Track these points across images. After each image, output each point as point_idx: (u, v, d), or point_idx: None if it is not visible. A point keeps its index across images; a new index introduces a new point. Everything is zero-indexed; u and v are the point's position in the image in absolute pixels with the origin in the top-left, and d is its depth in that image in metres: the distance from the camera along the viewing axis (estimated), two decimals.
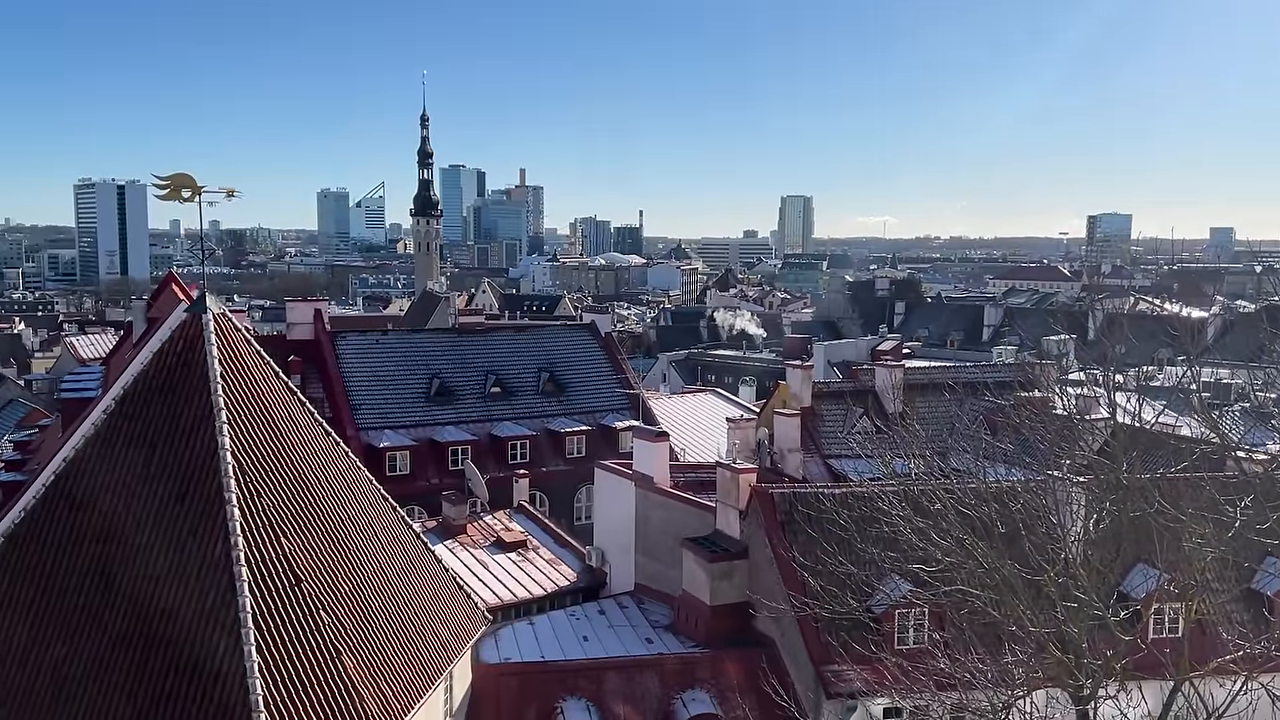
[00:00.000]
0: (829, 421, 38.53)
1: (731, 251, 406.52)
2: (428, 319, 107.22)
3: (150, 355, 20.19)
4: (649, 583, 28.43)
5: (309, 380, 41.31)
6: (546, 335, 51.53)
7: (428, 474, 41.43)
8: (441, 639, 21.04)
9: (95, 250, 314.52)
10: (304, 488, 19.63)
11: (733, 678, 23.83)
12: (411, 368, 45.40)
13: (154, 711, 16.72)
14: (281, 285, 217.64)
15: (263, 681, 16.64)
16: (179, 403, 19.12)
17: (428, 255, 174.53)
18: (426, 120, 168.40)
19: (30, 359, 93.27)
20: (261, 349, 21.09)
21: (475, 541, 31.74)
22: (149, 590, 17.65)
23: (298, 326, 44.95)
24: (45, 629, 17.87)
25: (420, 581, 21.74)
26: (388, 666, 18.90)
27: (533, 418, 45.36)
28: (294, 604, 17.91)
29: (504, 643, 25.07)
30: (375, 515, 21.60)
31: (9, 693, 17.51)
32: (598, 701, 23.31)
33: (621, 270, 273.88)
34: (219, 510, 17.95)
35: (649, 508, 28.63)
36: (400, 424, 42.86)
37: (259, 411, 19.68)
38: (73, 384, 40.80)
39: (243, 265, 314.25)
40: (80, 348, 72.13)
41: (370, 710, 17.79)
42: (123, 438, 19.15)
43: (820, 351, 71.93)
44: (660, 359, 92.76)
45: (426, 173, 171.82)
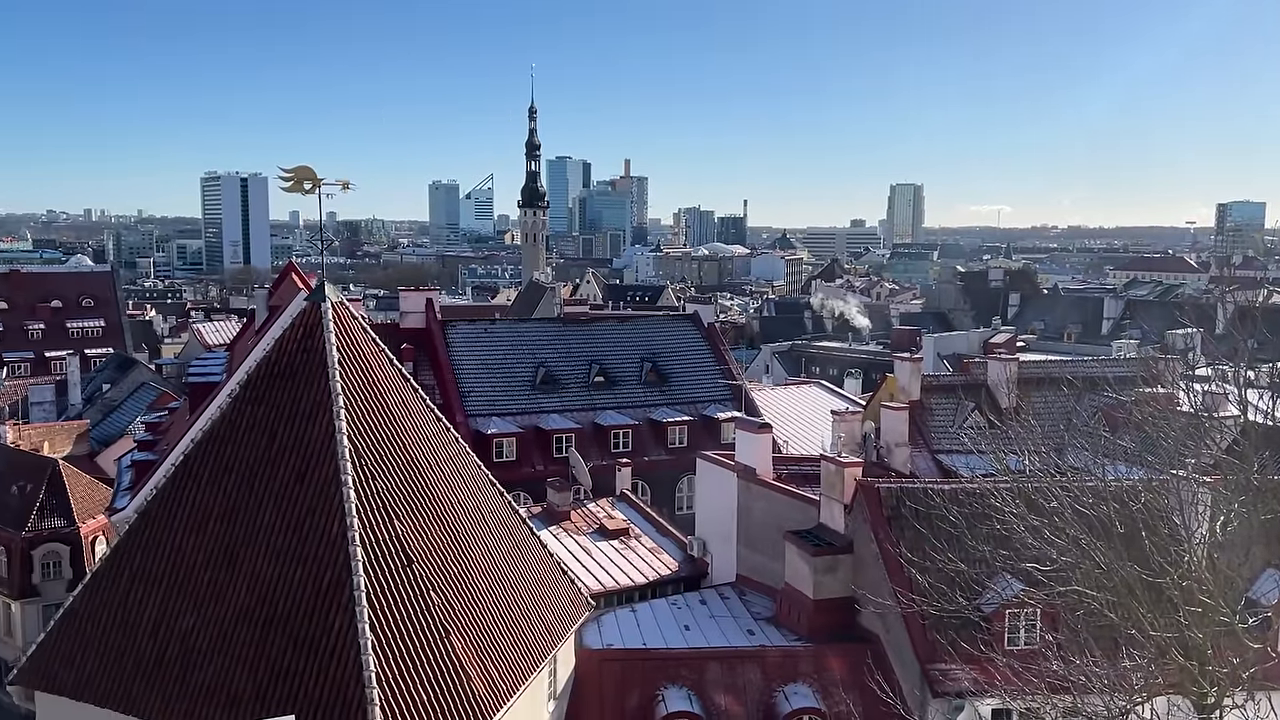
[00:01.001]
0: (938, 415, 37.68)
1: (838, 241, 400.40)
2: (534, 309, 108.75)
3: (272, 342, 21.02)
4: (750, 574, 28.33)
5: (420, 367, 42.39)
6: (649, 325, 51.73)
7: (533, 461, 42.10)
8: (546, 623, 21.38)
9: (220, 240, 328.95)
10: (416, 471, 20.17)
11: (836, 673, 23.58)
12: (518, 356, 46.15)
13: (272, 685, 17.45)
14: (395, 275, 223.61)
15: (375, 659, 17.20)
16: (299, 388, 19.85)
17: (534, 246, 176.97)
18: (534, 112, 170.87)
19: (160, 344, 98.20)
20: (376, 337, 21.74)
21: (579, 528, 32.13)
22: (270, 568, 18.42)
23: (410, 315, 46.16)
24: (175, 602, 18.81)
25: (526, 566, 22.12)
26: (494, 647, 19.31)
27: (635, 407, 45.63)
28: (405, 584, 18.45)
29: (606, 629, 25.33)
30: (483, 500, 22.06)
31: (142, 661, 18.51)
32: (699, 690, 23.36)
33: (725, 260, 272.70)
34: (336, 492, 18.59)
35: (751, 499, 28.51)
36: (507, 411, 43.64)
37: (374, 397, 20.30)
38: (199, 369, 42.90)
39: (358, 255, 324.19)
40: (206, 334, 75.63)
41: (477, 690, 18.21)
42: (246, 421, 19.99)
43: (930, 344, 70.34)
44: (763, 350, 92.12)
45: (534, 164, 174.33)
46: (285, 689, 17.29)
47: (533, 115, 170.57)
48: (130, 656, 18.59)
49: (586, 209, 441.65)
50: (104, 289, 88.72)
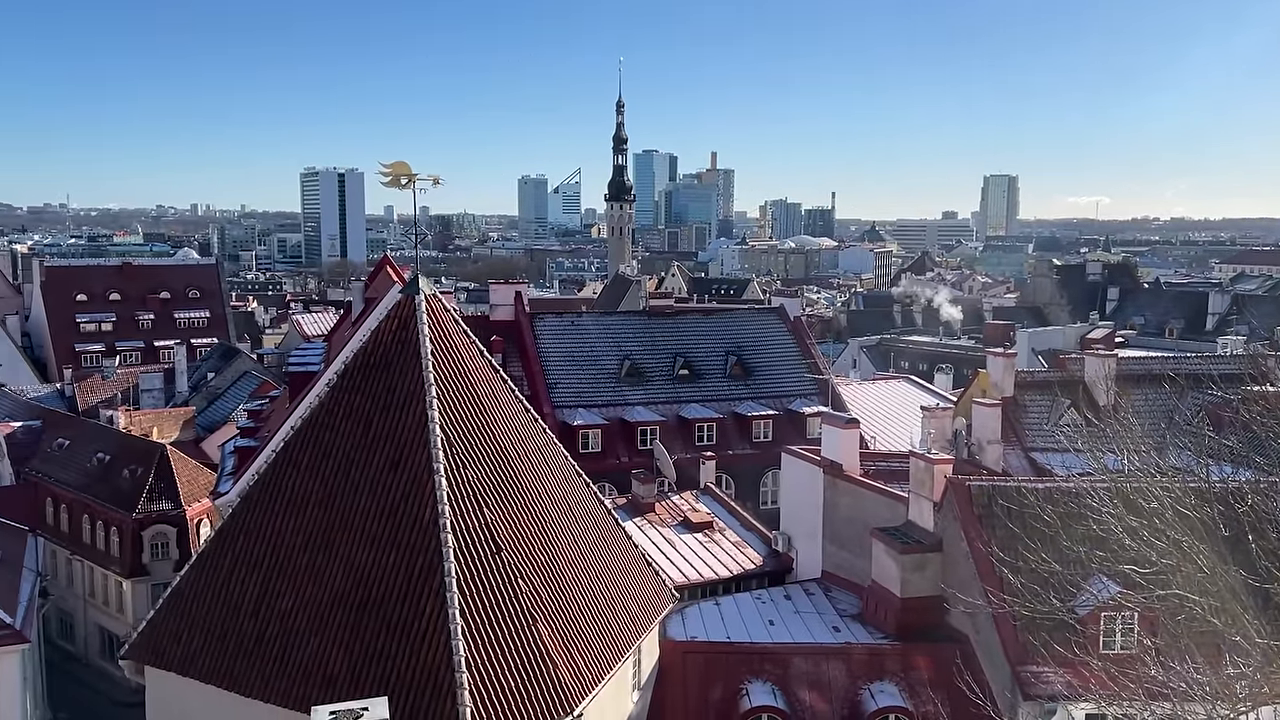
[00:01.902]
0: (1032, 412, 36.73)
1: (929, 233, 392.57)
2: (619, 301, 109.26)
3: (368, 333, 21.63)
4: (836, 570, 28.09)
5: (509, 359, 43.03)
6: (734, 319, 51.48)
7: (618, 452, 42.37)
8: (631, 613, 21.58)
9: (318, 234, 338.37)
10: (505, 461, 20.54)
11: (923, 672, 23.26)
12: (604, 349, 46.46)
13: (366, 667, 18.00)
14: (485, 268, 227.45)
15: (465, 644, 17.61)
16: (393, 378, 20.40)
17: (620, 239, 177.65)
18: (622, 107, 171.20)
19: (262, 335, 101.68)
20: (467, 329, 22.18)
21: (663, 520, 32.26)
22: (364, 552, 18.99)
23: (499, 308, 46.85)
24: (274, 584, 19.53)
25: (611, 556, 22.35)
26: (580, 636, 19.57)
27: (720, 400, 45.52)
28: (494, 571, 18.83)
29: (690, 621, 25.41)
30: (570, 490, 22.35)
31: (243, 640, 19.27)
32: (783, 686, 23.29)
33: (812, 253, 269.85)
34: (428, 480, 19.07)
35: (837, 495, 28.25)
36: (593, 403, 43.99)
37: (465, 388, 20.73)
38: (299, 359, 44.28)
39: (449, 249, 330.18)
40: (305, 325, 78.05)
41: (563, 678, 18.49)
42: (343, 409, 20.63)
43: (1024, 339, 68.54)
44: (851, 344, 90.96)
45: (621, 158, 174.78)
46: (378, 671, 17.82)
47: (620, 109, 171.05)
48: (233, 635, 19.36)
49: (672, 202, 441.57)
50: (209, 281, 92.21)
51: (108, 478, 49.25)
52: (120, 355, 79.27)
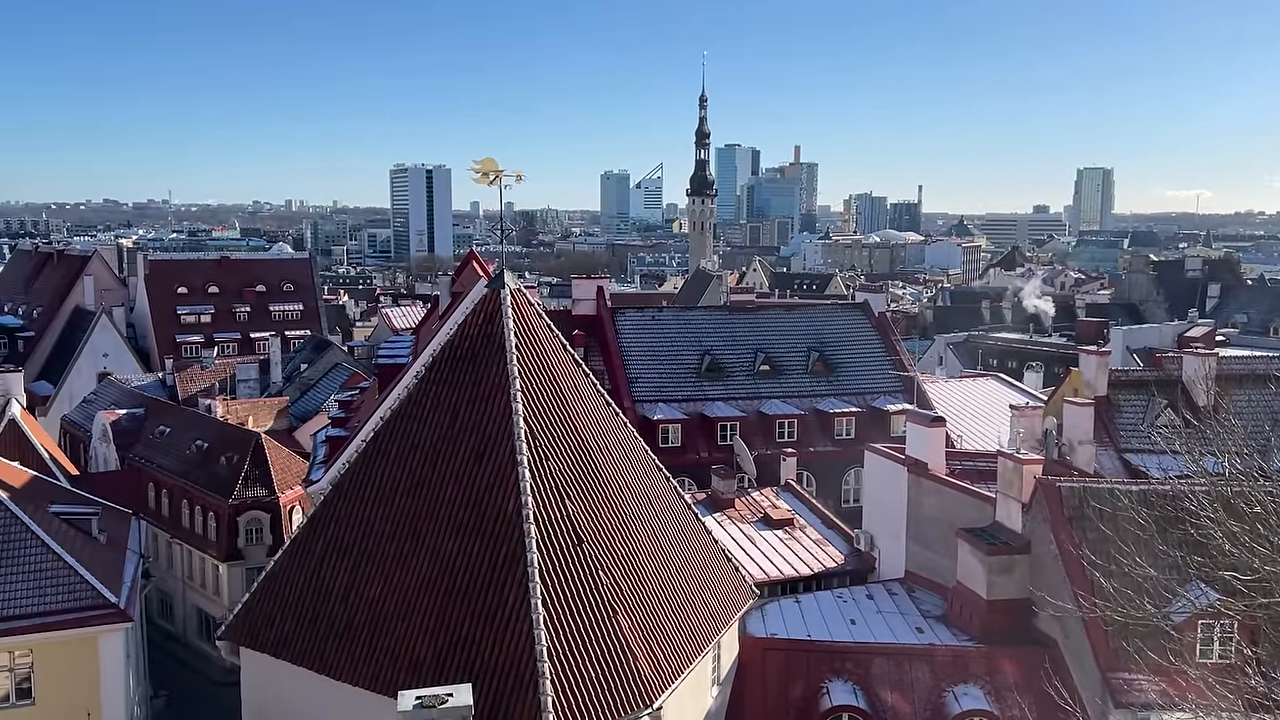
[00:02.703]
0: (1127, 413, 35.58)
1: (1019, 228, 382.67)
2: (700, 296, 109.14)
3: (455, 327, 22.06)
4: (920, 571, 27.67)
5: (590, 353, 43.36)
6: (817, 314, 51.00)
7: (697, 448, 42.36)
8: (711, 608, 21.60)
9: (407, 230, 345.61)
10: (587, 454, 20.74)
11: (1009, 676, 22.78)
12: (684, 344, 46.48)
13: (451, 654, 18.37)
14: (567, 263, 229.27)
15: (546, 633, 17.85)
16: (479, 371, 20.77)
17: (702, 234, 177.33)
18: (705, 101, 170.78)
19: (353, 327, 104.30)
20: (551, 323, 22.45)
21: (743, 516, 32.18)
22: (450, 541, 19.38)
23: (581, 302, 47.25)
24: (364, 570, 20.07)
25: (691, 551, 22.39)
26: (660, 629, 19.66)
27: (801, 396, 45.16)
28: (576, 563, 19.04)
29: (770, 618, 25.32)
30: (650, 484, 22.45)
31: (334, 624, 19.84)
32: (864, 685, 23.06)
33: (897, 248, 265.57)
34: (512, 471, 19.38)
35: (922, 494, 27.81)
36: (673, 398, 44.05)
37: (548, 381, 20.99)
38: (388, 351, 45.24)
39: (533, 244, 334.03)
40: (394, 318, 79.77)
41: (643, 670, 18.60)
42: (430, 401, 21.08)
43: (1118, 336, 66.40)
44: (937, 341, 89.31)
45: (703, 153, 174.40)
46: (463, 657, 18.18)
47: (703, 104, 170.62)
48: (323, 619, 19.96)
49: (754, 196, 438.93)
50: (303, 275, 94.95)
51: (206, 464, 51.11)
52: (218, 346, 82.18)
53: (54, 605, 27.34)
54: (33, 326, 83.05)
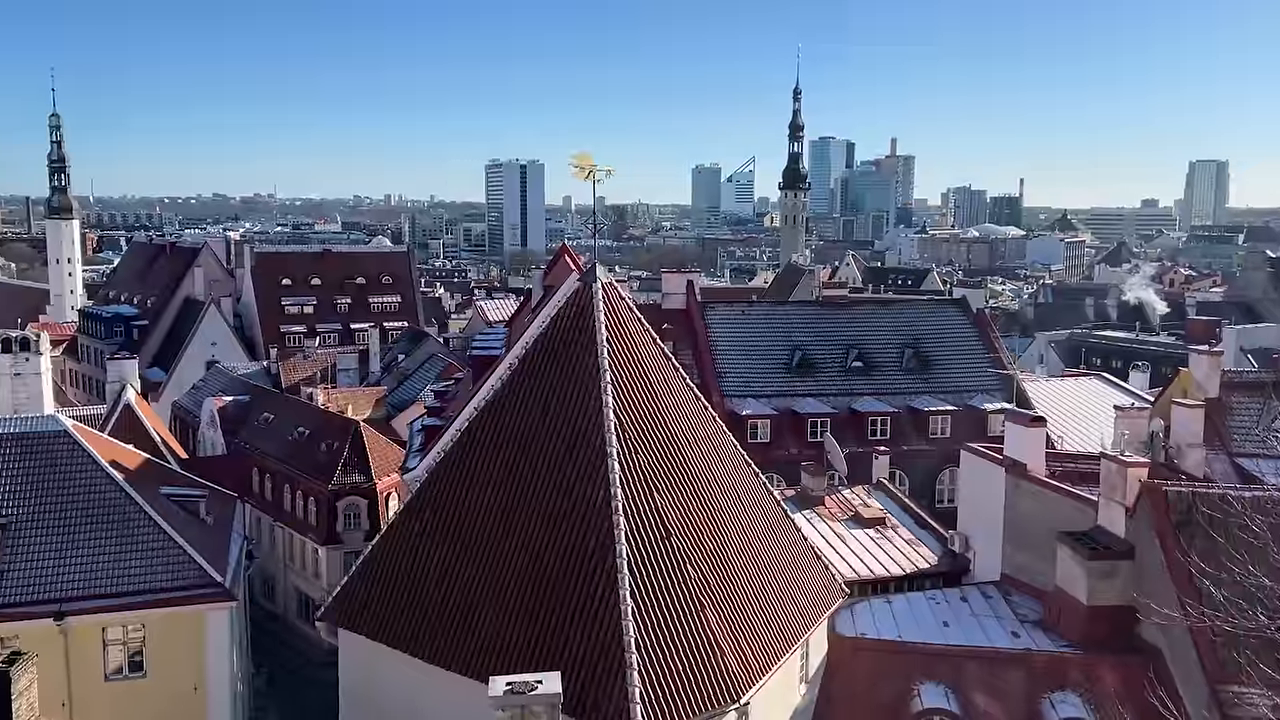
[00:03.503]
0: (1240, 415, 33.99)
1: (1126, 223, 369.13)
2: (791, 291, 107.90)
3: (547, 320, 22.33)
4: (1016, 574, 26.94)
5: (680, 348, 43.34)
6: (912, 310, 50.09)
7: (787, 444, 42.04)
8: (800, 606, 21.43)
9: (501, 224, 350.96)
10: (676, 447, 20.77)
11: (1109, 685, 22.03)
12: (775, 339, 46.15)
13: (542, 642, 18.61)
14: (657, 257, 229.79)
15: (634, 625, 17.95)
16: (571, 363, 20.98)
17: (793, 228, 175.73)
18: (799, 93, 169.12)
19: (448, 319, 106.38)
20: (642, 317, 22.52)
21: (833, 514, 31.82)
22: (541, 530, 19.64)
23: (671, 296, 47.28)
24: (458, 556, 20.48)
25: (780, 547, 22.25)
26: (748, 626, 19.59)
27: (895, 394, 44.43)
28: (664, 556, 19.09)
29: (860, 618, 24.96)
30: (739, 479, 22.37)
31: (428, 609, 20.30)
32: (957, 689, 22.56)
33: (997, 243, 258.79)
34: (602, 463, 19.52)
35: (1020, 496, 27.07)
36: (762, 393, 43.81)
37: (639, 374, 21.08)
38: (482, 343, 46.03)
39: (624, 238, 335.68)
40: (488, 311, 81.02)
41: (730, 666, 18.57)
42: (523, 393, 21.39)
43: (1232, 336, 63.54)
44: (1038, 339, 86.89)
45: (796, 145, 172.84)
46: (552, 646, 18.41)
47: (797, 96, 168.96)
48: (418, 604, 20.44)
49: (848, 190, 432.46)
50: (401, 268, 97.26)
51: (307, 451, 52.78)
52: (320, 336, 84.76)
53: (164, 583, 28.60)
54: (147, 315, 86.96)
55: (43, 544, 28.39)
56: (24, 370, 37.05)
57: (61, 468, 29.90)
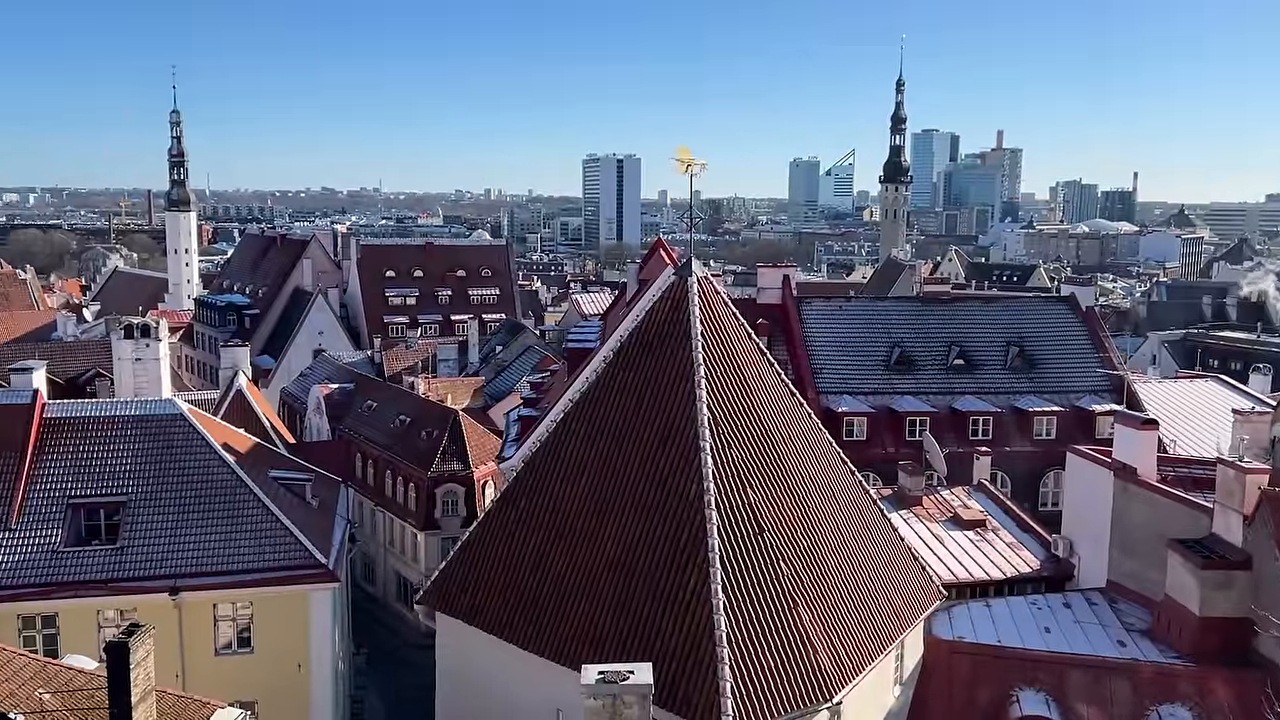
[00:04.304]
0: None
1: (1249, 218, 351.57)
2: (890, 287, 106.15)
3: (642, 313, 22.40)
4: (1123, 581, 25.99)
5: (775, 343, 43.04)
6: (1017, 307, 48.67)
7: (884, 442, 41.35)
8: (895, 607, 21.07)
9: (597, 218, 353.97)
10: (770, 443, 20.63)
11: (1222, 699, 21.10)
12: (873, 335, 45.40)
13: (633, 633, 18.71)
14: (752, 251, 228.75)
15: (726, 619, 17.90)
16: (665, 356, 21.01)
17: (894, 222, 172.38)
18: (902, 85, 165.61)
19: (544, 312, 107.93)
20: (737, 311, 22.41)
21: (930, 515, 31.17)
22: (634, 521, 19.74)
23: (767, 291, 46.91)
24: (552, 544, 20.73)
25: (876, 547, 21.90)
26: (842, 624, 19.35)
27: (997, 393, 43.29)
28: (757, 552, 18.99)
29: (958, 621, 24.44)
30: (834, 477, 22.09)
31: (522, 596, 20.61)
32: (1058, 697, 21.92)
33: (1108, 239, 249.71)
34: (695, 456, 19.51)
35: (1129, 501, 26.08)
36: (859, 390, 43.15)
37: (733, 369, 21.00)
38: (577, 336, 46.54)
39: (719, 232, 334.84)
40: (583, 304, 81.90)
41: (823, 664, 18.38)
42: (617, 385, 21.50)
43: None
44: (1150, 339, 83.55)
45: (898, 138, 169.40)
46: (644, 637, 18.49)
47: (900, 88, 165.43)
48: (513, 590, 20.77)
49: (952, 184, 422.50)
50: (500, 262, 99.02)
51: (408, 438, 54.15)
52: (421, 327, 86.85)
53: (271, 563, 29.64)
54: (258, 305, 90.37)
55: (159, 522, 29.73)
56: (144, 355, 38.81)
57: (177, 449, 31.26)
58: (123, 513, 29.63)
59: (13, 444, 30.03)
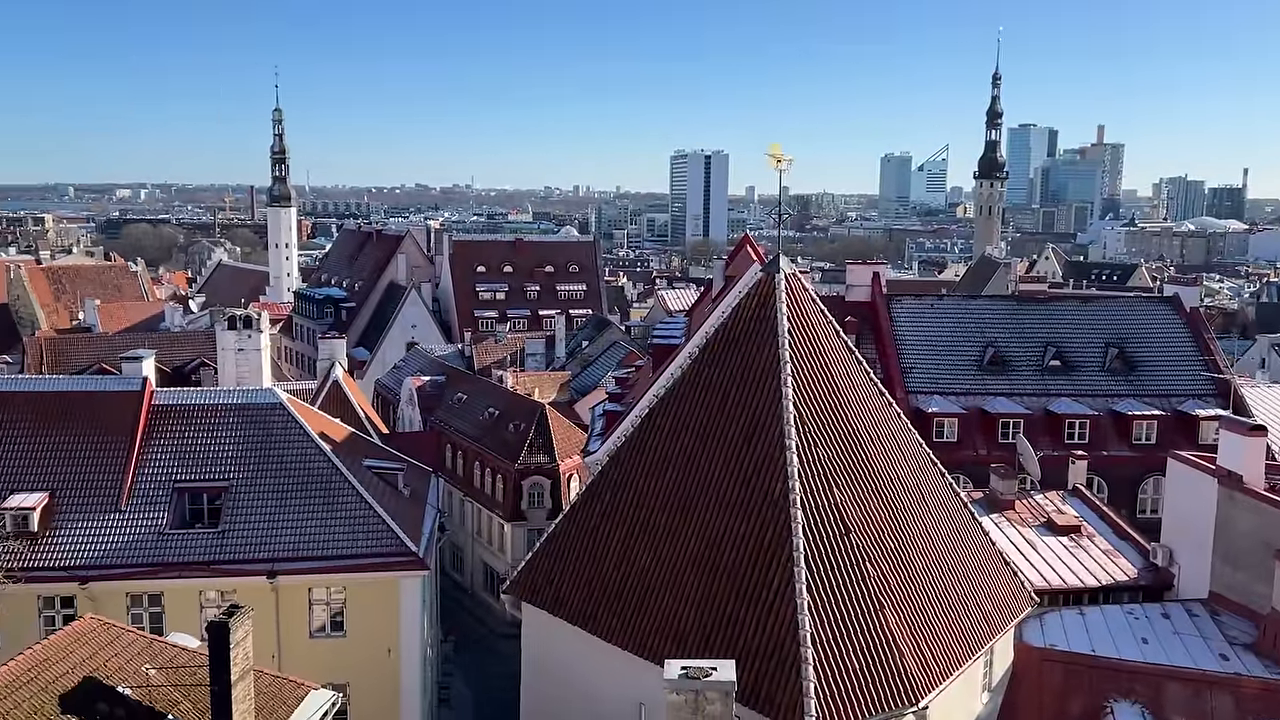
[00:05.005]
0: None
1: None
2: (984, 285, 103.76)
3: (728, 309, 22.34)
4: (1227, 593, 24.95)
5: (863, 341, 42.40)
6: (1117, 307, 47.05)
7: (975, 444, 40.45)
8: (985, 612, 20.66)
9: (684, 214, 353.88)
10: (857, 443, 20.40)
11: None
12: (965, 334, 44.41)
13: (716, 631, 18.72)
14: (841, 248, 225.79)
15: (810, 619, 17.78)
16: (751, 353, 20.94)
17: (988, 219, 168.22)
18: (998, 79, 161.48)
19: (630, 308, 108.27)
20: (825, 309, 22.20)
21: (1023, 519, 30.43)
22: (718, 518, 19.73)
23: (855, 288, 46.26)
24: (636, 539, 20.86)
25: (965, 551, 21.49)
26: (929, 628, 19.06)
27: (1095, 396, 41.93)
28: (842, 552, 18.81)
29: (1050, 628, 23.78)
30: (923, 478, 21.74)
31: (606, 589, 20.79)
32: (1155, 711, 21.14)
33: (1215, 237, 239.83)
34: (780, 454, 19.41)
35: (1234, 510, 25.01)
36: (950, 390, 42.27)
37: (820, 367, 20.82)
38: (662, 332, 46.61)
39: (806, 228, 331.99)
40: (668, 300, 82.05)
41: (909, 668, 18.12)
42: (702, 381, 21.51)
43: None
44: (1259, 341, 79.87)
45: (994, 133, 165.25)
46: (727, 635, 18.48)
47: (996, 82, 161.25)
48: (597, 583, 20.96)
49: (1049, 180, 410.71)
50: (587, 257, 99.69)
51: (496, 430, 55.00)
52: (510, 322, 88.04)
53: (364, 549, 30.45)
54: (354, 298, 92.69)
55: (258, 507, 30.79)
56: (246, 346, 40.18)
57: (276, 437, 32.33)
58: (224, 497, 30.75)
59: (124, 429, 31.45)
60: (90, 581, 28.57)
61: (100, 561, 29.00)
